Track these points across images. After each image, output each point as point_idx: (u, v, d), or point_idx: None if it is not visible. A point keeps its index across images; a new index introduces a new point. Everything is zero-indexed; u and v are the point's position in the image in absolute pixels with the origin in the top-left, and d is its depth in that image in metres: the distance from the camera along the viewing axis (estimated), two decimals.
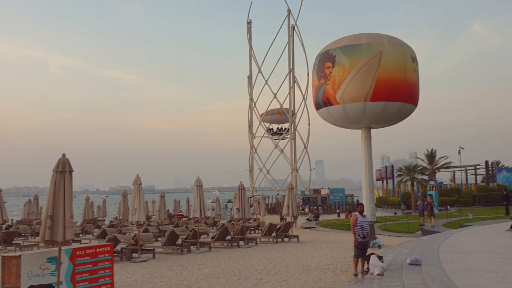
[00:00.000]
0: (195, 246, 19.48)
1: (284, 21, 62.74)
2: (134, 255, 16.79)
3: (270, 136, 63.96)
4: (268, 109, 63.45)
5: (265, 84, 62.60)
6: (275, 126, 65.63)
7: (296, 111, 62.04)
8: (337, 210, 50.99)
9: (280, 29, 63.00)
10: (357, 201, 50.98)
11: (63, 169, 8.84)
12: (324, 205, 54.85)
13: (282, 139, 63.25)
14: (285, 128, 63.80)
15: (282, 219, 33.77)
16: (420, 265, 10.33)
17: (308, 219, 39.09)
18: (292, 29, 62.06)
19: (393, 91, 32.72)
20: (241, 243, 21.16)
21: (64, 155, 9.03)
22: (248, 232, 24.54)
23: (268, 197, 61.57)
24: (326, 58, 34.68)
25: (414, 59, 34.46)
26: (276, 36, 63.45)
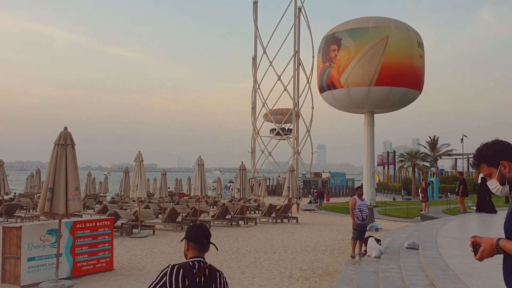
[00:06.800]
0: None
1: (290, 2, 62.10)
2: (134, 230, 16.93)
3: (273, 136, 63.66)
4: (272, 109, 62.88)
5: (270, 65, 62.28)
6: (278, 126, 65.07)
7: (299, 95, 61.81)
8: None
9: (286, 10, 62.44)
10: (361, 185, 50.77)
11: (65, 143, 8.87)
12: (324, 188, 54.84)
13: (285, 139, 62.87)
14: (288, 129, 63.27)
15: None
16: (418, 249, 10.38)
17: (309, 202, 39.29)
18: (298, 10, 61.41)
19: (398, 76, 32.51)
20: (241, 222, 21.30)
21: (66, 128, 9.04)
22: (248, 212, 24.67)
23: (269, 178, 61.85)
24: (332, 41, 34.37)
25: (420, 45, 34.13)
26: (282, 17, 62.91)
